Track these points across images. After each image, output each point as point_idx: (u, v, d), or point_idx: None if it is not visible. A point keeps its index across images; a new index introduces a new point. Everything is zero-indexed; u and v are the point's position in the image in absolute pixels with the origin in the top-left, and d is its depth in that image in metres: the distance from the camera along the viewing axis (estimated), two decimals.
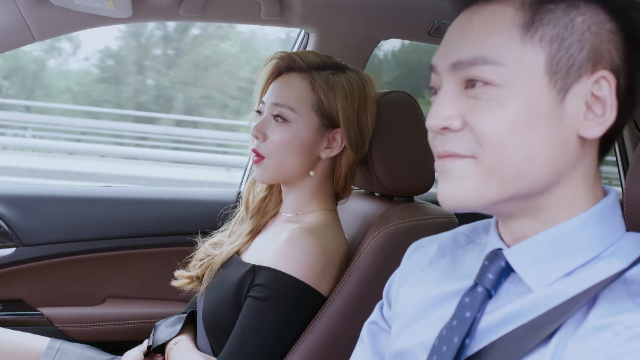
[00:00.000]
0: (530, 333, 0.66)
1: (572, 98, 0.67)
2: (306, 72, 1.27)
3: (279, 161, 1.26)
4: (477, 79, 0.68)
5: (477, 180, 0.68)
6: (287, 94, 1.26)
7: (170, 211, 1.81)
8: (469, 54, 0.68)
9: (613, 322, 0.60)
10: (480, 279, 0.73)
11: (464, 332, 0.71)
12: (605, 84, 0.67)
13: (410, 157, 1.34)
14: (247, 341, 1.16)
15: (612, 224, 0.71)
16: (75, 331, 1.69)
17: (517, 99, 0.67)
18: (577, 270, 0.69)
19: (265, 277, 1.18)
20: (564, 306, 0.65)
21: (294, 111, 1.25)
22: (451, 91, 0.70)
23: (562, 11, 0.67)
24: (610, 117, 0.67)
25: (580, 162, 0.69)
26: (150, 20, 1.55)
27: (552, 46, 0.67)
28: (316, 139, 1.27)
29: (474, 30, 0.70)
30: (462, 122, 0.69)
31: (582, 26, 0.67)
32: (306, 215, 1.30)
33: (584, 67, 0.67)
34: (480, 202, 0.69)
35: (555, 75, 0.67)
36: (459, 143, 0.69)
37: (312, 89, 1.26)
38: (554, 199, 0.70)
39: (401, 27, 1.73)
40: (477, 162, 0.68)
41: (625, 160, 2.12)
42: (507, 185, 0.68)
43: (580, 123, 0.67)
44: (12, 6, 1.30)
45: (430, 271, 0.84)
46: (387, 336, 0.90)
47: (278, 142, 1.25)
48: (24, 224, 1.69)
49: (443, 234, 0.89)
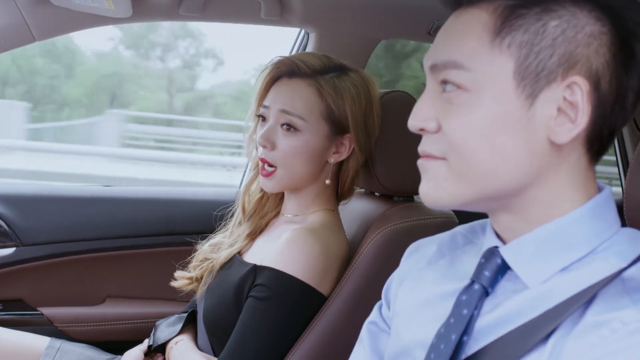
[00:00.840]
0: (529, 333, 0.66)
1: (541, 103, 0.67)
2: (311, 78, 1.25)
3: (290, 170, 1.25)
4: (449, 81, 0.69)
5: (448, 182, 0.71)
6: (295, 102, 1.24)
7: (170, 211, 1.81)
8: (444, 57, 0.70)
9: (610, 318, 0.60)
10: (477, 277, 0.74)
11: (461, 330, 0.71)
12: (577, 89, 0.66)
13: (410, 157, 1.33)
14: (248, 341, 1.16)
15: (607, 220, 0.71)
16: (75, 331, 1.69)
17: (484, 104, 0.67)
18: (572, 265, 0.69)
19: (266, 277, 1.18)
20: (562, 306, 0.65)
21: (304, 120, 1.23)
22: (431, 93, 0.72)
23: (534, 16, 0.67)
24: (582, 122, 0.67)
25: (560, 165, 0.69)
26: (150, 20, 1.55)
27: (521, 52, 0.67)
28: (326, 146, 1.26)
29: (452, 33, 0.71)
30: (437, 124, 0.70)
31: (554, 31, 0.66)
32: (308, 215, 1.30)
33: (554, 72, 0.66)
34: (453, 202, 0.71)
35: (523, 80, 0.67)
36: (434, 145, 0.71)
37: (320, 95, 1.24)
38: (533, 199, 0.70)
39: (401, 27, 1.73)
40: (448, 164, 0.70)
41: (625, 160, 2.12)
42: (477, 187, 0.69)
43: (551, 128, 0.67)
44: (12, 6, 1.30)
45: (429, 271, 0.84)
46: (386, 336, 0.90)
47: (288, 152, 1.24)
48: (24, 224, 1.69)
49: (442, 234, 0.89)
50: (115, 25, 1.48)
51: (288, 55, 1.30)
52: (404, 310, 0.83)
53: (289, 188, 1.30)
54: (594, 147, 0.70)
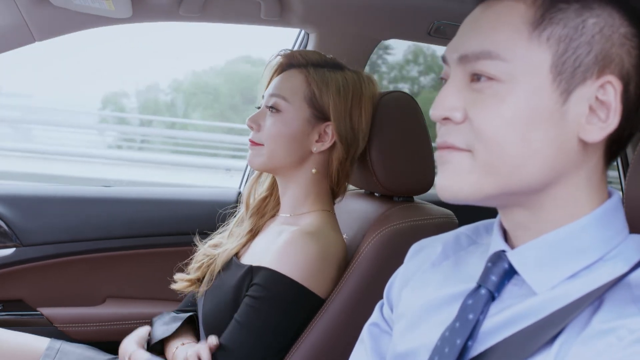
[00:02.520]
0: (533, 335, 0.66)
1: (575, 100, 0.66)
2: (303, 67, 1.31)
3: (271, 149, 1.29)
4: (482, 73, 0.68)
5: (472, 175, 0.68)
6: (282, 86, 1.30)
7: (170, 211, 1.81)
8: (476, 47, 0.68)
9: (617, 326, 0.60)
10: (484, 281, 0.73)
11: (467, 334, 0.70)
12: (610, 89, 0.66)
13: (410, 157, 1.34)
14: (243, 339, 1.17)
15: (616, 226, 0.70)
16: (75, 331, 1.69)
17: (519, 96, 0.66)
18: (581, 272, 0.68)
19: (262, 277, 1.19)
20: (567, 309, 0.65)
21: (287, 101, 1.28)
22: (457, 82, 0.70)
23: (574, 11, 0.66)
24: (613, 122, 0.66)
25: (582, 165, 0.69)
26: (150, 21, 1.54)
27: (559, 46, 0.66)
28: (307, 130, 1.29)
29: (485, 23, 0.69)
30: (463, 115, 0.68)
31: (593, 28, 0.66)
32: (303, 216, 1.30)
33: (590, 70, 0.66)
34: (475, 196, 0.69)
35: (559, 75, 0.66)
36: (458, 136, 0.69)
37: (306, 80, 1.29)
38: (552, 198, 0.69)
39: (401, 27, 1.73)
40: (473, 157, 0.68)
41: (625, 161, 2.12)
42: (502, 181, 0.68)
43: (581, 126, 0.67)
44: (12, 6, 1.30)
45: (433, 273, 0.84)
46: (388, 338, 0.89)
47: (270, 131, 1.29)
48: (24, 224, 1.69)
49: (445, 234, 0.88)
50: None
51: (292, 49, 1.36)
52: (409, 313, 0.83)
53: (272, 168, 1.32)
54: (612, 149, 0.70)
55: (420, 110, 1.38)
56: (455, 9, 1.56)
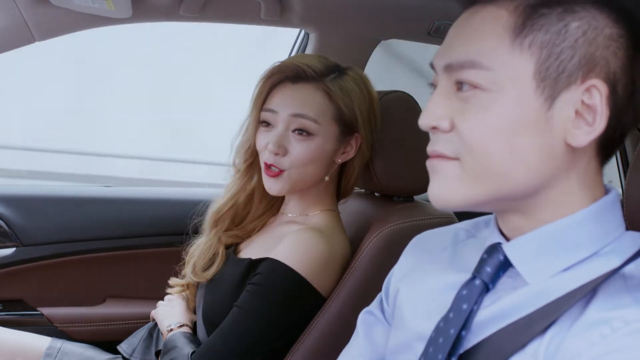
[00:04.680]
0: (526, 327, 0.66)
1: (560, 105, 0.66)
2: (317, 82, 1.24)
3: (301, 174, 1.24)
4: (466, 82, 0.68)
5: (461, 183, 0.69)
6: (307, 106, 1.22)
7: (170, 211, 1.81)
8: (460, 57, 0.68)
9: (611, 317, 0.60)
10: (479, 272, 0.74)
11: (460, 324, 0.71)
12: (596, 92, 0.66)
13: (410, 157, 1.34)
14: (240, 321, 1.17)
15: (612, 222, 0.71)
16: (75, 331, 1.69)
17: (503, 104, 0.66)
18: (575, 266, 0.69)
19: (266, 266, 1.19)
20: (560, 300, 0.65)
21: (318, 123, 1.22)
22: (444, 91, 0.70)
23: (556, 16, 0.66)
24: (600, 126, 0.66)
25: (572, 168, 0.69)
26: (150, 21, 1.54)
27: (542, 52, 0.66)
28: (336, 148, 1.27)
29: (469, 32, 0.70)
30: (450, 124, 0.69)
31: (576, 32, 0.66)
32: (310, 216, 1.30)
33: (574, 74, 0.66)
34: (466, 203, 0.70)
35: (543, 81, 0.66)
36: (446, 144, 0.70)
37: (330, 98, 1.23)
38: (545, 201, 0.70)
39: (401, 27, 1.73)
40: (461, 165, 0.69)
41: (625, 161, 2.12)
42: (492, 188, 0.68)
43: (568, 131, 0.67)
44: (12, 6, 1.30)
45: (430, 265, 0.84)
46: (382, 327, 0.90)
47: (302, 156, 1.22)
48: (24, 224, 1.69)
49: (445, 228, 0.89)
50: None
51: (289, 59, 1.29)
52: (405, 304, 0.83)
53: (294, 191, 1.29)
54: (605, 149, 0.70)
55: (420, 110, 1.38)
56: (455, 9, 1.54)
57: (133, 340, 1.41)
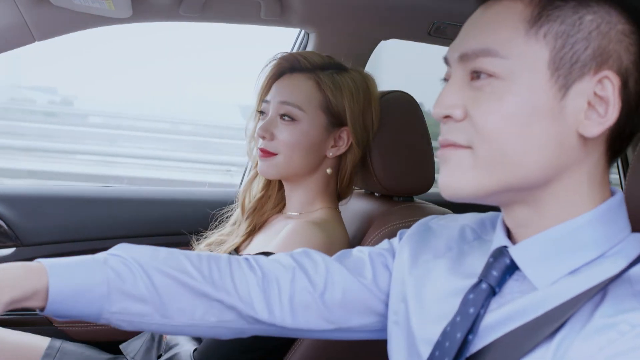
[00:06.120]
0: (533, 331, 0.66)
1: (573, 95, 0.67)
2: (311, 72, 1.28)
3: (288, 159, 1.27)
4: (481, 70, 0.69)
5: (473, 172, 0.69)
6: (294, 94, 1.27)
7: (170, 211, 1.81)
8: (475, 45, 0.69)
9: (618, 321, 0.60)
10: (485, 276, 0.74)
11: (467, 328, 0.71)
12: (608, 84, 0.67)
13: (410, 157, 1.34)
14: None
15: (618, 224, 0.71)
16: (75, 331, 1.69)
17: (517, 92, 0.67)
18: (581, 268, 0.69)
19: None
20: (567, 304, 0.65)
21: (302, 110, 1.26)
22: (458, 81, 0.71)
23: (571, 9, 0.67)
24: (612, 117, 0.67)
25: (583, 161, 0.69)
26: (150, 21, 1.54)
27: (556, 42, 0.67)
28: (324, 138, 1.28)
29: (484, 23, 0.71)
30: (463, 112, 0.70)
31: (590, 25, 0.67)
32: (311, 213, 1.31)
33: (588, 65, 0.67)
34: (476, 192, 0.70)
35: (557, 71, 0.67)
36: (459, 133, 0.70)
37: (319, 88, 1.27)
38: (554, 195, 0.70)
39: (401, 27, 1.73)
40: (474, 153, 0.69)
41: (625, 161, 2.12)
42: (503, 177, 0.68)
43: (580, 121, 0.67)
44: (12, 6, 1.30)
45: (436, 264, 0.84)
46: (363, 265, 0.89)
47: (287, 141, 1.27)
48: (24, 224, 1.69)
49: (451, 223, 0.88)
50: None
51: (290, 52, 1.33)
52: (411, 306, 0.83)
53: (286, 177, 1.31)
54: (614, 146, 0.71)
55: (420, 110, 1.38)
56: (456, 9, 1.56)
57: (136, 342, 1.41)
